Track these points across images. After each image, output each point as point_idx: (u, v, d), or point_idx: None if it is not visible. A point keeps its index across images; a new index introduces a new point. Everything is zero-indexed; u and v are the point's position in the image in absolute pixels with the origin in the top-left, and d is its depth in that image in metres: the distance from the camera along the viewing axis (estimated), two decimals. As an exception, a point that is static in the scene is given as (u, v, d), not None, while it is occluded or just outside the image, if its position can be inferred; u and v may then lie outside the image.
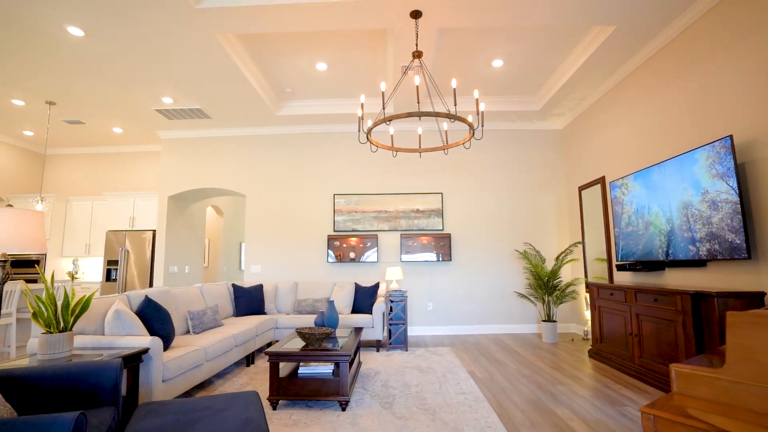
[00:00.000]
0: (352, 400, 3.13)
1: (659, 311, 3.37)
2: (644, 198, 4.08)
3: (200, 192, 6.84)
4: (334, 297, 5.30)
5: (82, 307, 2.43)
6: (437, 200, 6.28)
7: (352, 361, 3.49)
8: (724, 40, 3.30)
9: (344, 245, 6.19)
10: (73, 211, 7.30)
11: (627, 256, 4.36)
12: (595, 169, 5.42)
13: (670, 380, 1.45)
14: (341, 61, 4.77)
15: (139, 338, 2.70)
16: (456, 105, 3.13)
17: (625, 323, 3.85)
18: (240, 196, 7.32)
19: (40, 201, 5.90)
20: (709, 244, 3.25)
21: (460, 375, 3.80)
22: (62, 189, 7.67)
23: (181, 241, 6.97)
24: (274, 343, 4.80)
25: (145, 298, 3.17)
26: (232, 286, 5.20)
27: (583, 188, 5.70)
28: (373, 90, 5.55)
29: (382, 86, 3.22)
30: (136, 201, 6.91)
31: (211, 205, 8.38)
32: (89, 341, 2.68)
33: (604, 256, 5.11)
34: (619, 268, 4.45)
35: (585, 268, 5.64)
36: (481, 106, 3.71)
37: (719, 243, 3.15)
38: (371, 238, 6.18)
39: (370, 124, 3.50)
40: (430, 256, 6.11)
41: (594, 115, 5.46)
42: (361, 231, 6.26)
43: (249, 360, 4.31)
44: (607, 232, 5.06)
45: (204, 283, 7.42)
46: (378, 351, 4.86)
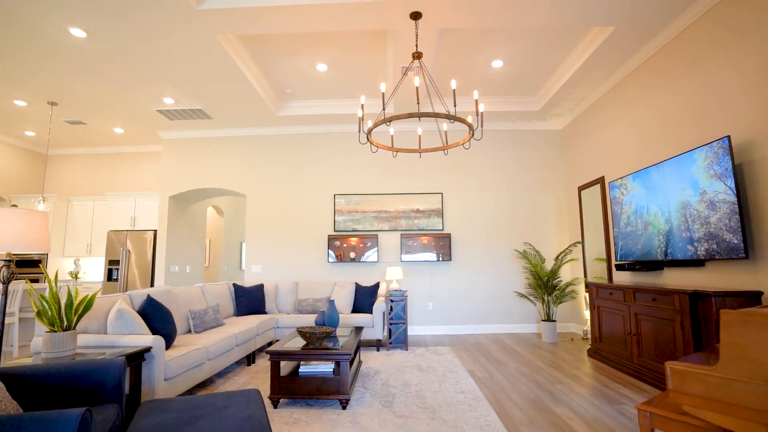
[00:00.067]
0: (353, 399, 3.15)
1: (658, 311, 3.39)
2: (643, 198, 4.10)
3: (201, 192, 6.86)
4: (334, 296, 5.32)
5: (86, 306, 2.46)
6: (437, 200, 6.30)
7: (353, 360, 3.51)
8: (724, 40, 3.31)
9: (345, 245, 6.21)
10: (75, 211, 7.33)
11: (626, 256, 4.38)
12: (595, 169, 5.44)
13: (666, 378, 1.47)
14: (341, 61, 4.80)
15: (142, 337, 2.72)
16: (456, 106, 3.16)
17: (624, 323, 3.87)
18: (240, 196, 7.34)
19: (42, 201, 5.93)
20: (707, 244, 3.27)
21: (460, 374, 3.82)
22: (64, 189, 7.70)
23: (182, 241, 6.99)
24: (274, 343, 4.83)
25: (147, 298, 3.20)
26: (233, 285, 5.22)
27: (583, 188, 5.72)
28: (374, 90, 5.58)
29: (382, 87, 3.24)
30: (137, 201, 6.94)
31: (212, 205, 8.40)
32: (92, 340, 2.70)
33: (604, 255, 5.13)
34: (619, 268, 4.46)
35: (584, 268, 5.65)
36: (481, 107, 3.74)
37: (717, 243, 3.17)
38: (371, 238, 6.20)
39: (370, 124, 3.52)
40: (430, 256, 6.13)
41: (593, 116, 5.47)
42: (362, 231, 6.28)
43: (250, 359, 4.34)
44: (607, 232, 5.08)
45: (205, 282, 7.44)
46: (378, 350, 4.89)
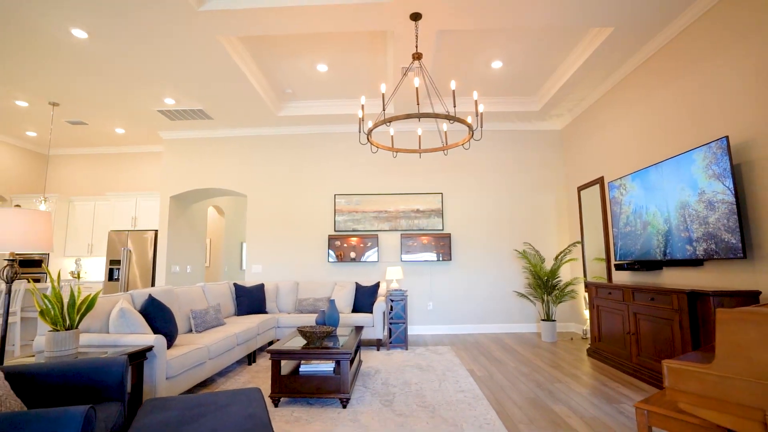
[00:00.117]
0: (353, 398, 3.17)
1: (656, 310, 3.41)
2: (642, 198, 4.11)
3: (202, 192, 6.88)
4: (334, 296, 5.34)
5: (88, 306, 2.48)
6: (437, 200, 6.32)
7: (353, 360, 3.53)
8: (724, 40, 3.31)
9: (345, 245, 6.23)
10: (76, 211, 7.35)
11: (625, 256, 4.39)
12: (594, 169, 5.45)
13: (663, 376, 1.49)
14: (342, 62, 4.82)
15: (144, 336, 2.74)
16: (455, 106, 3.18)
17: (623, 322, 3.89)
18: (241, 196, 7.36)
19: (43, 201, 5.95)
20: (705, 244, 3.29)
21: (460, 373, 3.84)
22: (65, 189, 7.72)
23: (183, 241, 7.01)
24: (275, 342, 4.84)
25: (149, 297, 3.22)
26: (234, 285, 5.24)
27: (582, 188, 5.74)
28: (374, 91, 5.60)
29: (383, 88, 3.26)
30: (138, 201, 6.96)
31: (213, 205, 8.42)
32: (94, 339, 2.72)
33: (603, 255, 5.15)
34: (618, 268, 4.48)
35: (584, 268, 5.67)
36: (480, 108, 3.76)
37: (716, 243, 3.19)
38: (372, 238, 6.22)
39: (370, 125, 3.54)
40: (430, 256, 6.15)
41: (593, 116, 5.49)
42: (362, 231, 6.30)
43: (251, 358, 4.36)
44: (606, 232, 5.09)
45: (205, 282, 7.46)
46: (378, 350, 4.90)
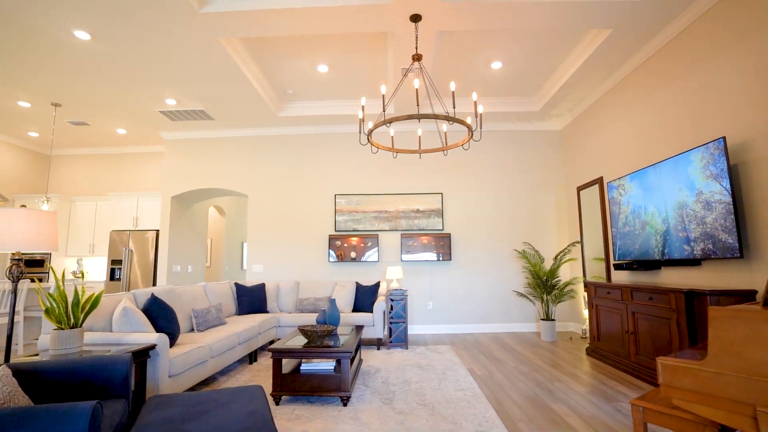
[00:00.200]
0: (353, 396, 3.20)
1: (654, 309, 3.44)
2: (641, 198, 4.14)
3: (203, 192, 6.92)
4: (335, 296, 5.37)
5: (92, 305, 2.51)
6: (437, 200, 6.35)
7: (353, 358, 3.56)
8: (724, 40, 3.31)
9: (345, 245, 6.26)
10: (77, 212, 7.38)
11: (624, 256, 4.42)
12: (594, 169, 5.48)
13: (657, 373, 1.52)
14: (342, 63, 4.85)
15: (146, 335, 2.77)
16: (455, 107, 3.20)
17: (622, 321, 3.91)
18: (242, 196, 7.40)
19: (45, 201, 5.98)
20: (703, 244, 3.32)
21: (460, 372, 3.87)
22: (66, 189, 7.76)
23: (184, 241, 7.05)
24: (276, 341, 4.88)
25: (151, 297, 3.25)
26: (235, 285, 5.27)
27: (582, 188, 5.76)
28: (374, 92, 5.63)
29: (383, 89, 3.29)
30: (140, 201, 7.00)
31: (214, 206, 8.46)
32: (98, 337, 2.75)
33: (602, 255, 5.17)
34: (617, 268, 4.51)
35: (583, 268, 5.70)
36: (480, 108, 3.78)
37: (713, 243, 3.21)
38: (372, 238, 6.25)
39: (370, 125, 3.57)
40: (430, 256, 6.18)
41: (593, 116, 5.51)
42: (362, 231, 6.33)
43: (252, 357, 4.39)
44: (605, 232, 5.12)
45: (207, 282, 7.49)
46: (379, 349, 4.93)
